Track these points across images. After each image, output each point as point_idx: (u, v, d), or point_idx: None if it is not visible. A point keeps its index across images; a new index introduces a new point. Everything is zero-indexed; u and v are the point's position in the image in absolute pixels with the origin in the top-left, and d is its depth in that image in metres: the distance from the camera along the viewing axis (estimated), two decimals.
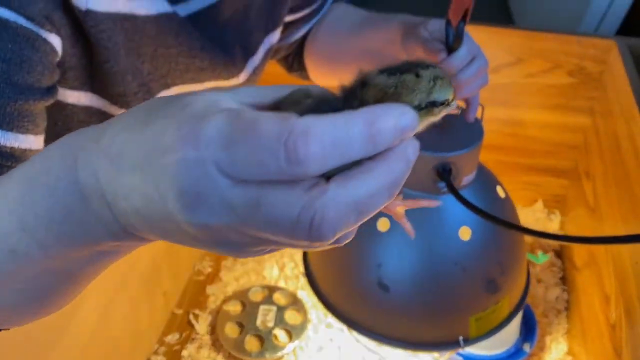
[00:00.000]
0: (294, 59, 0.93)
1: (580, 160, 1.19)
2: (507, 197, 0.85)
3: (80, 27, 0.57)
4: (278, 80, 1.07)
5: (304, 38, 0.90)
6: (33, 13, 0.52)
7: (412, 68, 0.34)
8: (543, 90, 1.16)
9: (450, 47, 0.71)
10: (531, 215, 1.27)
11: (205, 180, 0.28)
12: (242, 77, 0.77)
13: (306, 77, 0.94)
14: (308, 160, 0.27)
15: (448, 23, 0.70)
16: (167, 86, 0.69)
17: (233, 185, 0.28)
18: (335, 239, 0.29)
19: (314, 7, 0.87)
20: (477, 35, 1.11)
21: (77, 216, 0.33)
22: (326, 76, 0.91)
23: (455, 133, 0.78)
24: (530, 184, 1.29)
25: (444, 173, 0.75)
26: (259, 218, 0.28)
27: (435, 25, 0.73)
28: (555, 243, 1.23)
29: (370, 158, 0.29)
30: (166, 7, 0.64)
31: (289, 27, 0.86)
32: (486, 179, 0.84)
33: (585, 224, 1.11)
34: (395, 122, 0.29)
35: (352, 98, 0.33)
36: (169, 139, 0.29)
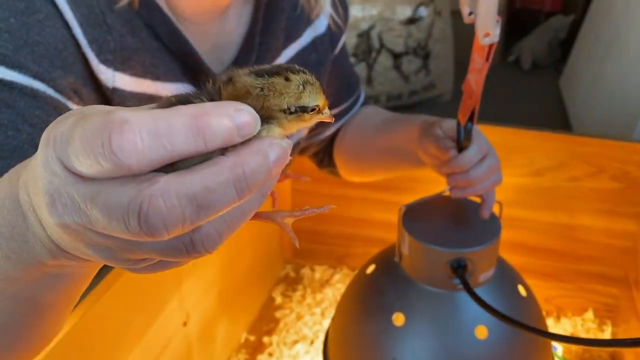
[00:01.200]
0: (324, 156, 0.98)
1: (630, 267, 1.14)
2: (530, 296, 0.84)
3: (107, 102, 0.64)
4: (311, 174, 1.12)
5: (334, 136, 0.96)
6: (62, 86, 0.59)
7: (282, 71, 0.34)
8: (588, 195, 1.15)
9: (461, 145, 0.74)
10: (581, 325, 1.21)
11: (56, 178, 0.29)
12: None
13: (336, 173, 0.98)
14: (123, 150, 0.27)
15: (458, 123, 0.73)
16: None
17: (78, 182, 0.28)
18: (173, 232, 0.28)
19: (343, 107, 0.93)
20: (519, 138, 1.13)
21: (20, 233, 0.34)
22: (354, 173, 0.95)
23: (472, 229, 0.79)
24: (579, 291, 1.24)
25: (459, 269, 0.75)
26: (97, 213, 0.28)
27: (449, 125, 0.76)
28: (607, 355, 1.16)
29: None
30: (189, 90, 0.71)
31: (319, 125, 0.92)
32: (507, 277, 0.83)
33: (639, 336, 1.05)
34: (229, 118, 0.29)
35: (215, 96, 0.33)
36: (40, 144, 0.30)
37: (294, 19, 0.79)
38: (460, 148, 0.74)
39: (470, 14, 0.63)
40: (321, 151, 0.98)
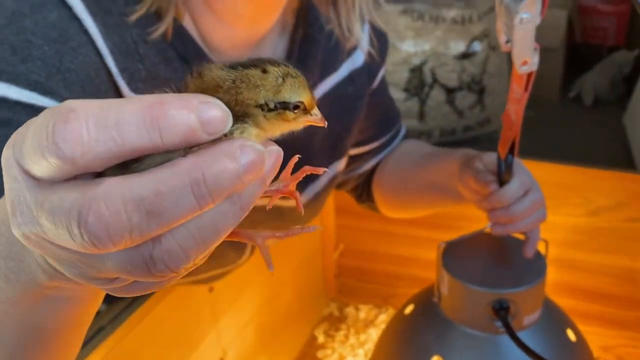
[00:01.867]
0: (362, 190, 0.95)
1: None
2: (581, 341, 0.78)
3: None
4: (354, 209, 1.09)
5: (373, 170, 0.93)
6: None
7: (260, 63, 0.30)
8: None
9: (502, 179, 0.70)
10: None
11: (16, 183, 0.27)
12: (300, 200, 0.80)
13: (376, 209, 0.96)
14: (66, 141, 0.24)
15: (499, 155, 0.70)
16: None
17: (34, 186, 0.26)
18: (119, 243, 0.25)
19: (382, 141, 0.91)
20: (575, 175, 1.08)
21: (17, 251, 0.33)
22: (394, 209, 0.92)
23: (515, 268, 0.75)
24: None
25: (501, 311, 0.71)
26: (45, 220, 0.26)
27: (490, 158, 0.73)
28: None
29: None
30: None
31: (357, 159, 0.90)
32: (555, 320, 0.78)
33: None
34: (191, 110, 0.25)
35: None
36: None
37: (330, 52, 0.78)
38: (501, 182, 0.70)
39: (507, 42, 0.60)
40: (360, 186, 0.95)
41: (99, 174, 0.27)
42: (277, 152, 0.29)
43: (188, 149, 0.27)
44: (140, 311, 0.78)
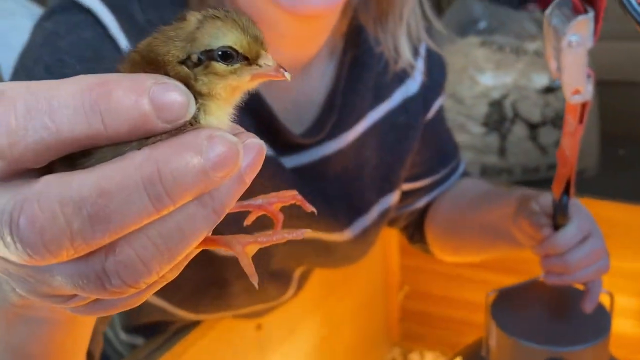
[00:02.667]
0: (414, 230, 0.90)
1: None
2: None
3: None
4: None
5: (426, 208, 0.88)
6: None
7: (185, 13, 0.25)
8: None
9: (557, 222, 0.63)
10: None
11: None
12: (346, 235, 0.76)
13: (428, 250, 0.90)
14: None
15: (553, 197, 0.63)
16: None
17: None
18: (57, 251, 0.22)
19: (436, 177, 0.85)
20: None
21: None
22: (447, 251, 0.86)
23: (575, 323, 0.67)
24: None
25: None
26: None
27: (547, 199, 0.66)
28: None
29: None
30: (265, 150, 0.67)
31: (409, 195, 0.85)
32: None
33: None
34: (140, 93, 0.22)
35: None
36: None
37: (382, 78, 0.75)
38: (556, 226, 0.63)
39: (558, 68, 0.55)
40: (411, 225, 0.90)
41: (46, 173, 0.23)
42: (258, 145, 0.25)
43: (144, 140, 0.22)
44: (179, 346, 0.76)
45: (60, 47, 0.58)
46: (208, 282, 0.71)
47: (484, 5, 2.25)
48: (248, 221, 0.32)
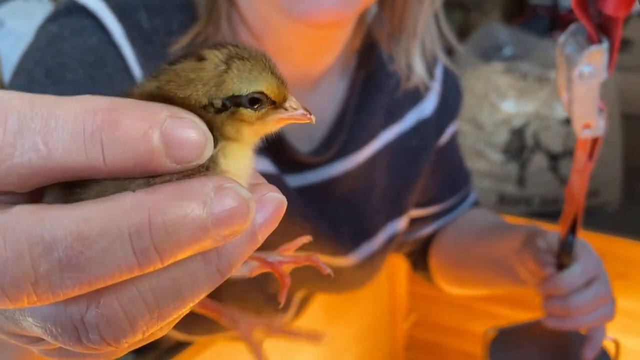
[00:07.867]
0: (418, 258, 0.87)
1: None
2: None
3: None
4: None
5: (431, 237, 0.85)
6: None
7: (198, 51, 0.22)
8: None
9: (561, 262, 0.60)
10: None
11: None
12: (351, 259, 0.73)
13: (431, 279, 0.87)
14: None
15: (559, 235, 0.60)
16: None
17: None
18: (17, 296, 0.19)
19: (444, 205, 0.82)
20: None
21: None
22: (450, 282, 0.82)
23: None
24: None
25: None
26: None
27: (555, 237, 0.63)
28: None
29: None
30: (269, 167, 0.64)
31: (415, 222, 0.82)
32: None
33: None
34: (152, 123, 0.19)
35: None
36: None
37: (396, 98, 0.72)
38: (561, 266, 0.60)
39: (569, 100, 0.52)
40: (415, 252, 0.87)
41: (38, 197, 0.20)
42: (278, 200, 0.22)
43: (151, 179, 0.19)
44: None
45: (63, 50, 0.57)
46: None
47: (510, 32, 2.23)
48: (252, 274, 0.29)
